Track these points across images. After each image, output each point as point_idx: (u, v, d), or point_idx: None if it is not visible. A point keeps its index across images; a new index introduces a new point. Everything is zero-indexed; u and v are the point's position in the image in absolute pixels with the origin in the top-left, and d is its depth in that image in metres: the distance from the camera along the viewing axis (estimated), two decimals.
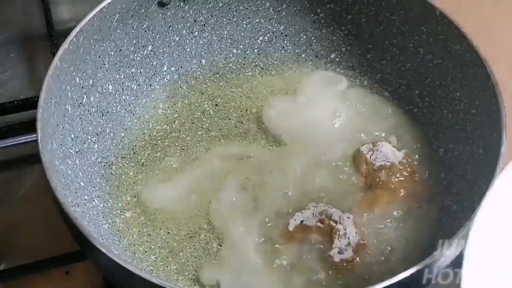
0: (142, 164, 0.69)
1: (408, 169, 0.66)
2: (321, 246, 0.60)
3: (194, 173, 0.67)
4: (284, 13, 0.76)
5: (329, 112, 0.72)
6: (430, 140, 0.69)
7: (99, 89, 0.68)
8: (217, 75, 0.77)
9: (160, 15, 0.71)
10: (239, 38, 0.77)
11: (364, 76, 0.76)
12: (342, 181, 0.66)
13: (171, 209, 0.65)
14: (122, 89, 0.71)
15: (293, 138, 0.70)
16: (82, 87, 0.65)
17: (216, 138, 0.71)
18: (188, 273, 0.61)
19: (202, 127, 0.72)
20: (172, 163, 0.68)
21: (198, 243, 0.63)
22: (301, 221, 0.62)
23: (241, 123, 0.72)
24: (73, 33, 0.62)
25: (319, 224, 0.61)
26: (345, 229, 0.60)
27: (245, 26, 0.76)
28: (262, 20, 0.76)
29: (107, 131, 0.69)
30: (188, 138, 0.71)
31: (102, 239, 0.60)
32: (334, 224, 0.61)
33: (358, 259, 0.60)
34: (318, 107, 0.73)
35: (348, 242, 0.60)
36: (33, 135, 0.56)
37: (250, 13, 0.76)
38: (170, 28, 0.73)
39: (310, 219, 0.62)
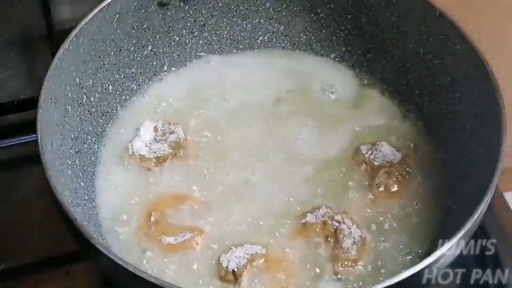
0: None
1: (407, 169, 0.66)
2: (326, 247, 0.60)
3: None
4: (284, 13, 0.76)
5: (329, 111, 0.72)
6: (430, 140, 0.69)
7: (99, 89, 0.68)
8: None
9: (160, 15, 0.71)
10: (239, 38, 0.77)
11: (364, 76, 0.76)
12: (342, 180, 0.66)
13: None
14: (122, 89, 0.71)
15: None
16: (82, 87, 0.65)
17: None
18: None
19: None
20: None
21: None
22: (304, 223, 0.62)
23: None
24: (73, 33, 0.62)
25: (323, 225, 0.61)
26: (349, 229, 0.60)
27: (245, 26, 0.76)
28: (262, 20, 0.76)
29: (107, 131, 0.69)
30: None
31: (102, 239, 0.60)
32: (337, 224, 0.61)
33: (361, 258, 0.60)
34: (317, 106, 0.73)
35: (354, 241, 0.60)
36: (33, 135, 0.56)
37: (250, 13, 0.76)
38: (170, 28, 0.73)
39: (313, 221, 0.62)
